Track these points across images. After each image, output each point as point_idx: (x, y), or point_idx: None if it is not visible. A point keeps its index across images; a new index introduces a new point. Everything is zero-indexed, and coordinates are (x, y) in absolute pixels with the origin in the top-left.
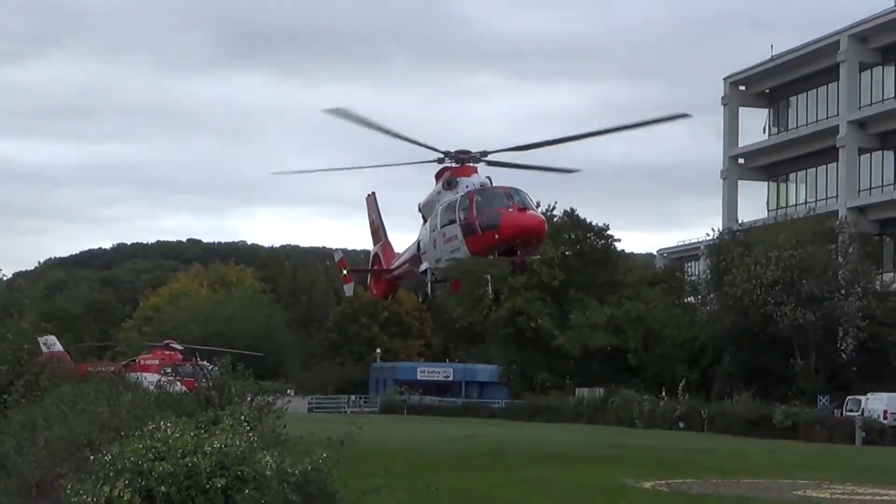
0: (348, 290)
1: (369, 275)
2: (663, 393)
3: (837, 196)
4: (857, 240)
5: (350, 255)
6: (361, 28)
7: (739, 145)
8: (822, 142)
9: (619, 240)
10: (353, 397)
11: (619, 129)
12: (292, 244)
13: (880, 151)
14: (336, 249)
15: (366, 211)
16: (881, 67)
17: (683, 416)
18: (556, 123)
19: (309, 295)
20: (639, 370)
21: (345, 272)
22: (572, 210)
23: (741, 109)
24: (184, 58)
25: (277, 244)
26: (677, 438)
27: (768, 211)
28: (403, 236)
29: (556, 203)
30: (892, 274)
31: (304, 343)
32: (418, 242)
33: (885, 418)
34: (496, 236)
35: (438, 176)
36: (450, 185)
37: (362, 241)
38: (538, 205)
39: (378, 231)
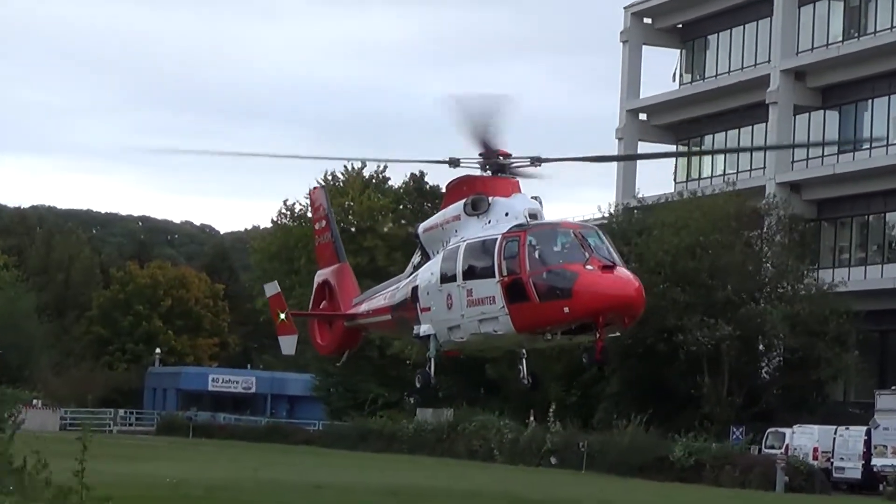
0: (287, 345)
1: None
2: (531, 418)
3: (765, 168)
4: (787, 225)
5: (109, 222)
6: None
7: (641, 96)
8: (748, 96)
9: None
10: (121, 412)
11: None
12: (46, 205)
13: (821, 111)
14: (271, 283)
15: (311, 209)
16: (826, 1)
17: (556, 450)
18: (373, 56)
19: (67, 273)
20: (500, 387)
21: (282, 316)
22: (420, 175)
23: (645, 49)
24: None
25: (26, 204)
26: (547, 479)
27: (675, 184)
28: None
29: (385, 165)
30: (830, 270)
31: (59, 337)
32: (414, 288)
33: (814, 458)
34: (566, 309)
35: (455, 190)
36: (477, 207)
37: (144, 206)
38: (382, 174)
39: (329, 247)
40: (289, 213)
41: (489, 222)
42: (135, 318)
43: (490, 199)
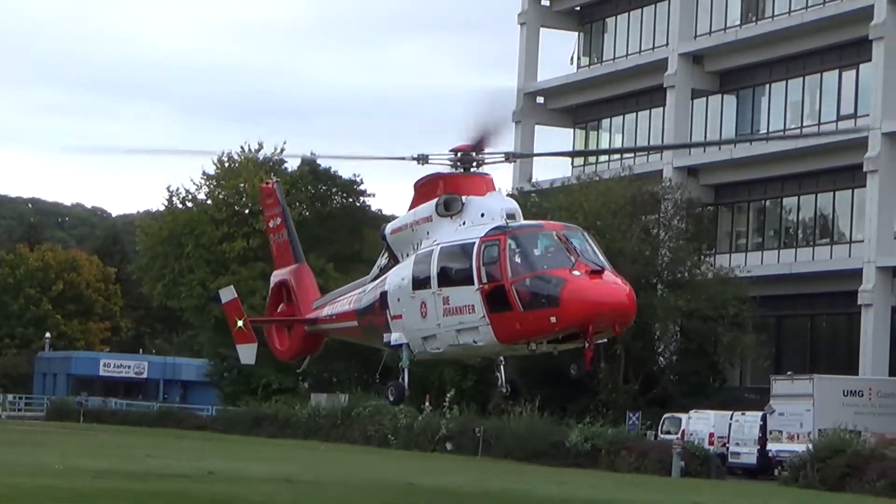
0: (246, 354)
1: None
2: (427, 403)
3: (662, 152)
4: (684, 209)
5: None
6: None
7: (538, 80)
8: (646, 79)
9: (372, 195)
10: (10, 397)
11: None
12: None
13: (719, 95)
14: (227, 288)
15: (263, 207)
16: None
17: (451, 436)
18: (259, 36)
19: None
20: (396, 371)
21: (240, 324)
22: (313, 156)
23: (543, 31)
24: None
25: None
26: (441, 465)
27: (573, 168)
28: None
29: (284, 145)
30: (727, 256)
31: None
32: (383, 293)
33: (710, 443)
34: (553, 319)
35: (423, 188)
36: (450, 207)
37: (35, 188)
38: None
39: (286, 246)
40: (174, 197)
41: (463, 224)
42: (24, 302)
43: (464, 198)
